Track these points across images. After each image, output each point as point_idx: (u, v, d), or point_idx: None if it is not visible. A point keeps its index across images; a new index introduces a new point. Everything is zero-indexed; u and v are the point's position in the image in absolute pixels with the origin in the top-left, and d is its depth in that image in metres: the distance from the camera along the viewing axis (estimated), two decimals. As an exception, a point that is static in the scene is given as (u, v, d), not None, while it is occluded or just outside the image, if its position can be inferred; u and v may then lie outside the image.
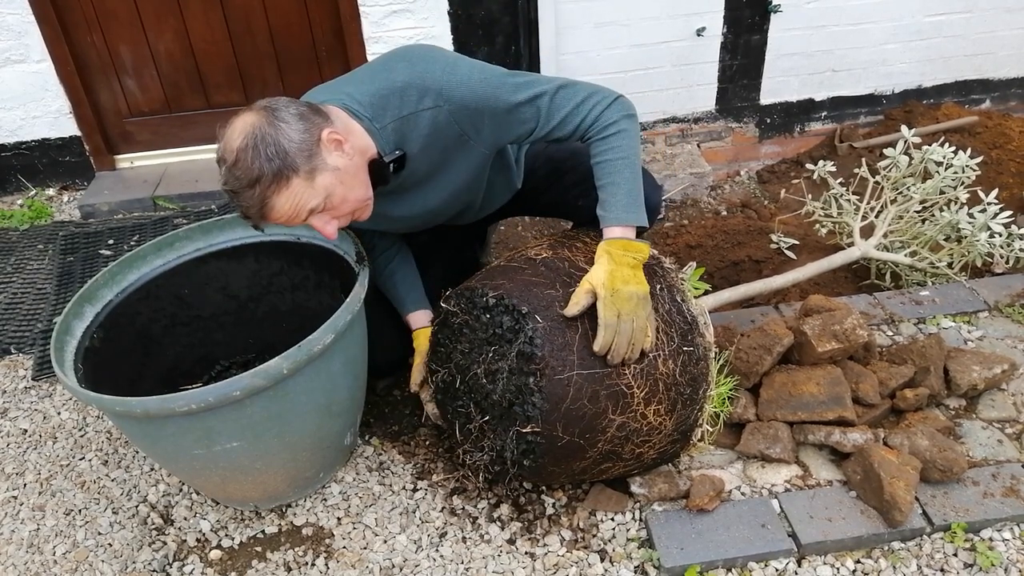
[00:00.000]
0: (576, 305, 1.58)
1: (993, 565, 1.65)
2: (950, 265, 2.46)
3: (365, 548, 1.82)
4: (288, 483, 1.86)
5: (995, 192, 2.38)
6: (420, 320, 2.00)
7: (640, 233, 1.68)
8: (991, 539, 1.71)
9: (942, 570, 1.67)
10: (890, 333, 2.25)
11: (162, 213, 3.24)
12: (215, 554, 1.84)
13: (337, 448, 1.94)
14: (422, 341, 1.95)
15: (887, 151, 2.51)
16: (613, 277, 1.57)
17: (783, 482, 1.84)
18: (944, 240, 2.48)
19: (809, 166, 2.80)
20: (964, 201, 2.42)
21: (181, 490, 2.00)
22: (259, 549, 1.84)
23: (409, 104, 1.60)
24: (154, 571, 1.81)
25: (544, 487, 1.90)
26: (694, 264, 1.97)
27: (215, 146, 1.52)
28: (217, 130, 1.51)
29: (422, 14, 3.16)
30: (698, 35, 3.25)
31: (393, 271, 2.03)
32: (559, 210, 2.12)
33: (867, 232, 2.52)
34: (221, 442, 1.65)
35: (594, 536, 1.79)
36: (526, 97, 1.64)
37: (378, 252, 2.02)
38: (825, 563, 1.70)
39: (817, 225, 2.77)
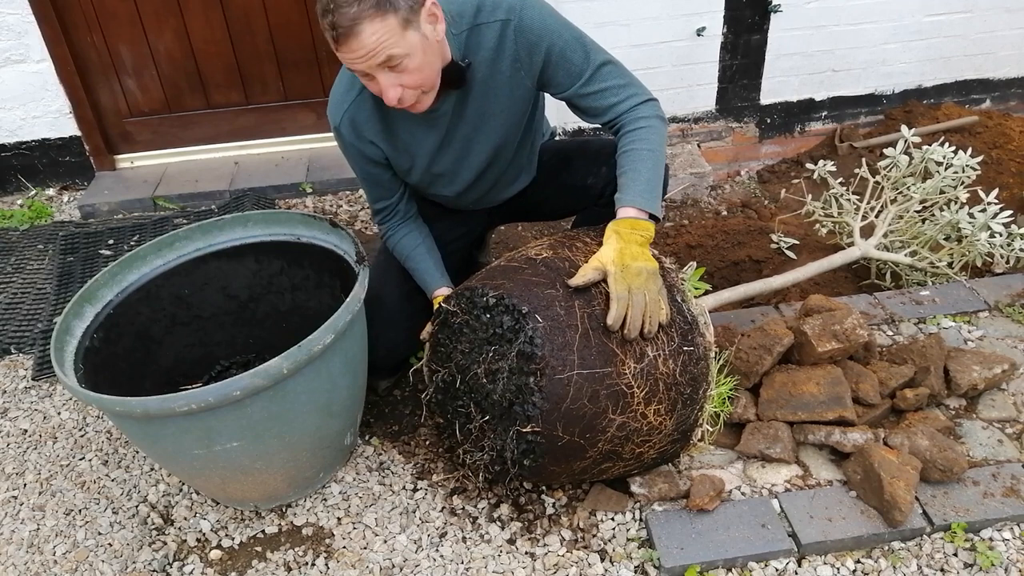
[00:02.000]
0: (582, 277, 1.61)
1: (993, 565, 1.65)
2: (950, 265, 2.46)
3: (365, 548, 1.82)
4: (288, 483, 1.86)
5: (995, 192, 2.38)
6: (444, 292, 1.98)
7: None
8: (991, 539, 1.71)
9: (942, 570, 1.67)
10: (890, 333, 2.25)
11: (162, 213, 3.24)
12: (215, 554, 1.84)
13: (337, 448, 1.94)
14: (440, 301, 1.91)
15: (887, 151, 2.51)
16: (622, 254, 1.61)
17: (783, 482, 1.84)
18: (944, 240, 2.48)
19: (809, 166, 2.80)
20: (964, 201, 2.42)
21: (181, 490, 2.00)
22: (259, 549, 1.84)
23: (484, 14, 1.69)
24: (154, 571, 1.81)
25: (544, 487, 1.90)
26: (694, 264, 1.97)
27: (215, 146, 1.52)
28: None
29: (422, 14, 3.16)
30: (698, 35, 3.25)
31: (423, 250, 2.02)
32: (567, 196, 2.13)
33: (867, 232, 2.52)
34: (221, 442, 1.65)
35: (594, 536, 1.79)
36: (582, 49, 1.74)
37: (403, 232, 2.02)
38: (825, 563, 1.70)
39: (817, 225, 2.77)
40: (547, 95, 1.90)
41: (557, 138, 2.26)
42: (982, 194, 2.40)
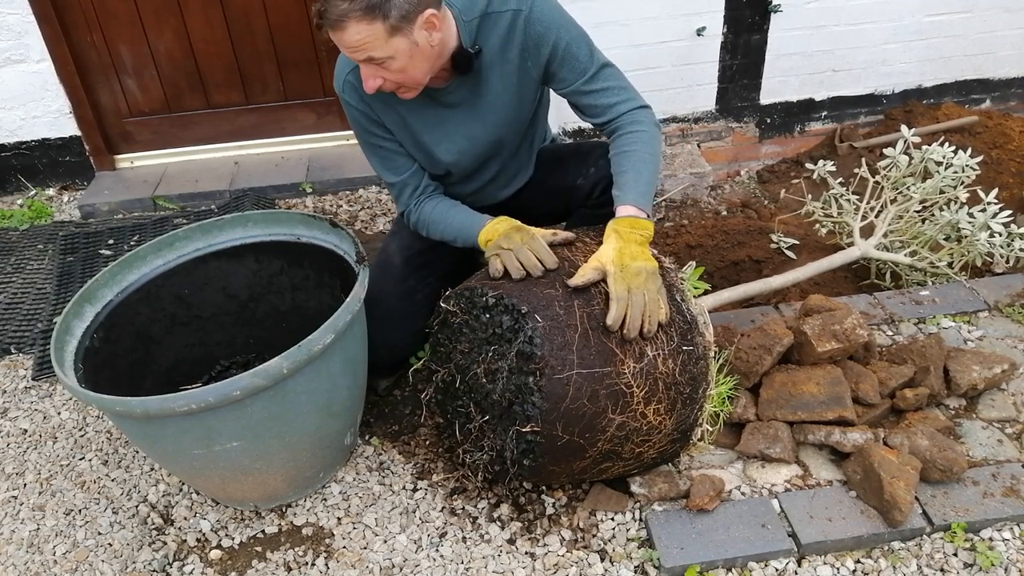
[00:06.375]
0: (581, 277, 1.61)
1: (993, 565, 1.65)
2: (950, 265, 2.46)
3: (365, 548, 1.82)
4: (288, 483, 1.86)
5: (995, 192, 2.38)
6: (491, 220, 1.87)
7: None
8: (991, 539, 1.71)
9: (942, 570, 1.67)
10: (890, 333, 2.25)
11: (162, 213, 3.24)
12: (215, 554, 1.84)
13: (337, 448, 1.94)
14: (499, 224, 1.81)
15: (887, 151, 2.51)
16: (621, 254, 1.62)
17: (783, 482, 1.84)
18: (944, 240, 2.48)
19: (809, 166, 2.80)
20: (964, 201, 2.42)
21: (181, 490, 2.00)
22: (259, 549, 1.84)
23: (496, 3, 1.74)
24: (154, 571, 1.81)
25: (544, 487, 1.90)
26: (694, 264, 1.97)
27: (215, 146, 1.53)
28: None
29: (422, 14, 3.16)
30: (698, 35, 3.25)
31: (459, 207, 1.94)
32: (558, 198, 2.13)
33: (867, 232, 2.52)
34: (221, 442, 1.65)
35: (594, 536, 1.79)
36: (587, 47, 1.80)
37: (432, 203, 1.95)
38: (825, 563, 1.70)
39: (817, 225, 2.77)
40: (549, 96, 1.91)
41: (555, 142, 2.28)
42: (982, 194, 2.40)
